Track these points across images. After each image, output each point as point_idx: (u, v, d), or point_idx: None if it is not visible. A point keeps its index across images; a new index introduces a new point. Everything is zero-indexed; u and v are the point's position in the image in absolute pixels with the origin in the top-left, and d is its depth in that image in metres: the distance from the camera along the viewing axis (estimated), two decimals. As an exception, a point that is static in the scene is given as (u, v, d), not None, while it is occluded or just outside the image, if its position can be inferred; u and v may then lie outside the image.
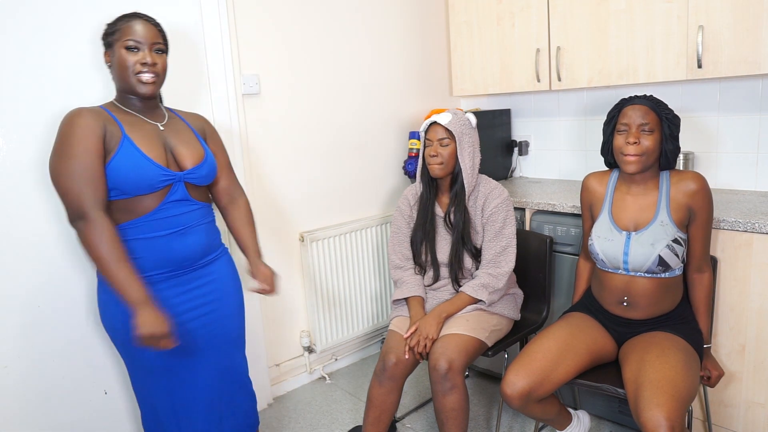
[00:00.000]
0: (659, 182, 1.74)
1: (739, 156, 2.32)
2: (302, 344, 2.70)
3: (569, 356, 1.69)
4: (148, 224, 1.53)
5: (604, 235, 1.76)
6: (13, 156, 1.83)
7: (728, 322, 1.90)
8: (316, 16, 2.58)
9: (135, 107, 1.60)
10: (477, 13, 2.79)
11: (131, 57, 1.52)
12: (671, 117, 1.69)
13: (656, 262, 1.66)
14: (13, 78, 1.80)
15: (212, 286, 1.69)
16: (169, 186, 1.55)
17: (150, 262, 1.55)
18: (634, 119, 1.68)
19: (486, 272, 1.98)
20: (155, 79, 1.56)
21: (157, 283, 1.57)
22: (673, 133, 1.69)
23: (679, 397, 1.46)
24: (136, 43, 1.52)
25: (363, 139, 2.85)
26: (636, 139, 1.66)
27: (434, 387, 1.82)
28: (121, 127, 1.52)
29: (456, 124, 1.97)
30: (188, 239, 1.60)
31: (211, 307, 1.68)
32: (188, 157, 1.61)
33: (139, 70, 1.52)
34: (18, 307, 1.87)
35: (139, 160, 1.49)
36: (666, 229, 1.67)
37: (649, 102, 1.69)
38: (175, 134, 1.62)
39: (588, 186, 1.90)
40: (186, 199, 1.59)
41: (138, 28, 1.53)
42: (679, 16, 2.10)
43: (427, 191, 2.09)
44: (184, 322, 1.62)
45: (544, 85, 2.57)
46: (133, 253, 1.53)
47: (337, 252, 2.71)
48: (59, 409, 1.97)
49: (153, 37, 1.55)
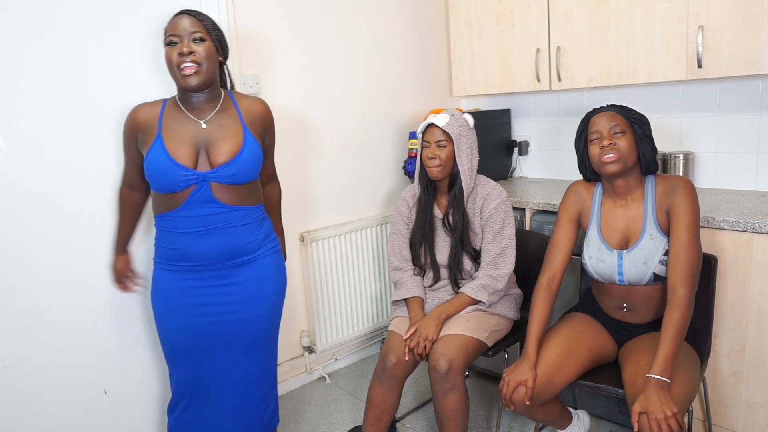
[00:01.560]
0: (644, 190, 1.70)
1: (739, 156, 2.32)
2: (302, 344, 2.70)
3: (572, 360, 1.68)
4: (174, 220, 1.62)
5: (596, 255, 1.72)
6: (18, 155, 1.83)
7: (728, 322, 1.90)
8: (316, 16, 2.58)
9: (187, 103, 1.65)
10: (477, 13, 2.79)
11: (171, 51, 1.57)
12: (639, 117, 1.68)
13: (652, 278, 1.65)
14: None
15: (236, 288, 1.70)
16: (193, 186, 1.59)
17: (175, 253, 1.66)
18: (604, 125, 1.66)
19: (486, 274, 1.98)
20: (196, 68, 1.57)
21: (180, 272, 1.67)
22: (646, 132, 1.67)
23: (678, 397, 1.46)
24: (174, 37, 1.57)
25: (363, 139, 2.85)
26: (610, 141, 1.64)
27: (434, 387, 1.82)
28: (159, 125, 1.61)
29: (453, 125, 1.95)
30: (210, 241, 1.63)
31: (231, 308, 1.70)
32: (223, 154, 1.61)
33: (179, 62, 1.56)
34: (18, 307, 1.87)
35: (163, 160, 1.56)
36: (656, 242, 1.64)
37: (613, 108, 1.69)
38: (217, 130, 1.63)
39: (578, 192, 1.81)
40: (211, 201, 1.61)
41: (177, 23, 1.58)
42: (679, 16, 2.10)
43: (425, 193, 2.08)
44: (197, 315, 1.68)
45: (544, 85, 2.57)
46: (161, 243, 1.69)
47: (337, 252, 2.70)
48: (59, 409, 1.97)
49: (189, 27, 1.57)
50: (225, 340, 1.72)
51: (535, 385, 1.61)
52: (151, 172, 1.59)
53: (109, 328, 2.06)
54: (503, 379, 1.66)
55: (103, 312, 2.04)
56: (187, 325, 1.69)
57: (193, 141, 1.60)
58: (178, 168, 1.56)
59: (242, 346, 1.74)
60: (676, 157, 2.36)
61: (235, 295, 1.70)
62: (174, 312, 1.69)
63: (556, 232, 1.81)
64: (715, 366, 1.95)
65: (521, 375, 1.62)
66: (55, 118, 1.89)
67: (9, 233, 1.84)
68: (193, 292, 1.67)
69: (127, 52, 2.03)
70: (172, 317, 1.70)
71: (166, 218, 1.64)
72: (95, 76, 1.96)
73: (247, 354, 1.76)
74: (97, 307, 2.02)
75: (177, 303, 1.68)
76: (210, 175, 1.59)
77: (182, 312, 1.69)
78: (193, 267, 1.66)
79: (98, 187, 1.99)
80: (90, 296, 2.00)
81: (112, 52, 1.99)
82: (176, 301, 1.68)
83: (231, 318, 1.71)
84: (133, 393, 2.14)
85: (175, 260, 1.67)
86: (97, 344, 2.03)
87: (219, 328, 1.70)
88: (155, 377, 2.20)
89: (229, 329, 1.71)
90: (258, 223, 1.72)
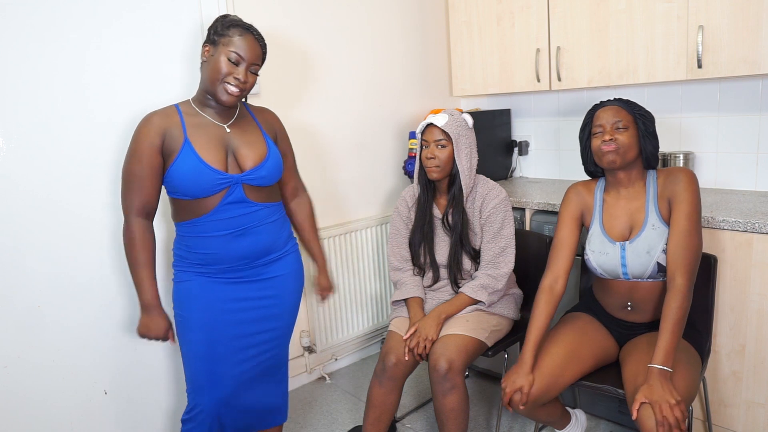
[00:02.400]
0: (646, 183, 1.71)
1: (739, 156, 2.32)
2: (302, 344, 2.70)
3: (575, 363, 1.68)
4: (206, 224, 1.61)
5: (598, 249, 1.72)
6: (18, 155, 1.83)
7: (728, 322, 1.90)
8: (317, 16, 2.58)
9: (209, 108, 1.65)
10: (477, 13, 2.79)
11: (228, 68, 1.56)
12: (644, 113, 1.69)
13: (656, 269, 1.64)
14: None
15: (270, 283, 1.74)
16: (226, 189, 1.60)
17: (208, 258, 1.64)
18: (607, 119, 1.68)
19: (485, 273, 1.98)
20: (240, 94, 1.60)
21: (214, 275, 1.66)
22: (649, 129, 1.68)
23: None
24: (239, 58, 1.57)
25: (363, 139, 2.85)
26: (611, 136, 1.65)
27: (434, 387, 1.82)
28: (184, 131, 1.58)
29: (452, 125, 1.95)
30: (246, 240, 1.65)
31: (266, 303, 1.74)
32: (250, 158, 1.64)
33: (229, 81, 1.57)
34: (18, 307, 1.87)
35: (197, 165, 1.55)
36: (658, 232, 1.64)
37: (619, 102, 1.70)
38: (240, 135, 1.66)
39: (578, 191, 1.80)
40: (244, 201, 1.63)
41: (247, 45, 1.58)
42: (679, 16, 2.10)
43: (424, 193, 2.08)
44: (235, 311, 1.69)
45: (544, 85, 2.57)
46: (194, 249, 1.64)
47: (337, 252, 2.70)
48: (59, 409, 1.97)
49: (255, 58, 1.60)
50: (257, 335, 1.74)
51: (536, 388, 1.61)
52: (182, 178, 1.56)
53: (108, 329, 2.06)
54: (501, 384, 1.67)
55: (103, 312, 2.04)
56: (226, 323, 1.68)
57: (222, 144, 1.61)
58: (213, 172, 1.57)
59: (270, 342, 1.77)
60: (675, 157, 2.36)
61: (269, 290, 1.74)
62: (211, 313, 1.67)
63: (559, 233, 1.79)
64: (715, 366, 1.95)
65: (516, 383, 1.62)
66: (55, 118, 1.89)
67: (9, 233, 1.84)
68: (228, 290, 1.68)
69: (126, 51, 2.03)
70: (209, 319, 1.67)
71: (197, 224, 1.62)
72: (95, 76, 1.96)
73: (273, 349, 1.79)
74: (97, 307, 2.02)
75: (214, 304, 1.67)
76: (243, 178, 1.62)
77: (220, 312, 1.67)
78: (228, 268, 1.66)
79: (99, 187, 1.99)
80: (90, 296, 2.00)
81: (111, 51, 1.99)
82: (213, 303, 1.67)
83: (265, 313, 1.74)
84: (133, 393, 2.14)
85: (207, 264, 1.66)
86: (97, 344, 2.03)
87: (256, 324, 1.73)
88: (155, 377, 2.20)
89: (261, 326, 1.74)
90: (282, 221, 1.78)
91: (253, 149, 1.65)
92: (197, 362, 1.67)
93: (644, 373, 1.51)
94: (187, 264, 1.68)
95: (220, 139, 1.62)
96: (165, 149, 1.58)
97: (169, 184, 1.60)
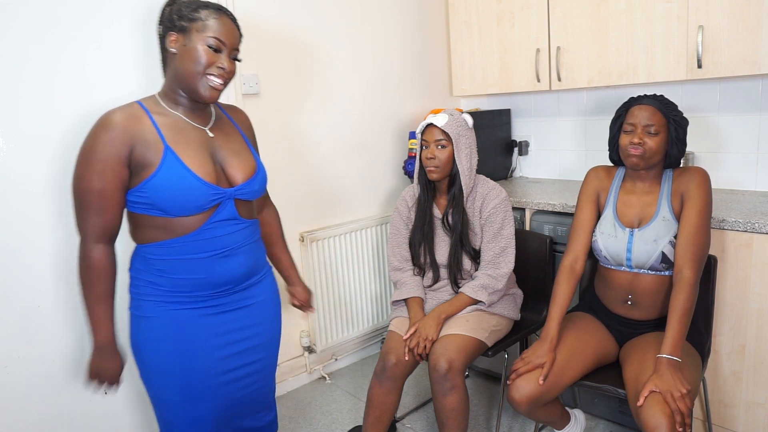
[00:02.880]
0: (662, 180, 1.74)
1: (739, 156, 2.32)
2: (302, 344, 2.70)
3: (576, 361, 1.69)
4: (188, 245, 1.37)
5: (608, 231, 1.75)
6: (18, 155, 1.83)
7: (728, 322, 1.90)
8: (316, 16, 2.58)
9: (182, 106, 1.40)
10: (477, 13, 2.79)
11: (209, 57, 1.33)
12: (679, 119, 1.68)
13: (659, 259, 1.66)
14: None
15: (251, 311, 1.51)
16: (217, 205, 1.38)
17: (187, 284, 1.39)
18: (641, 120, 1.67)
19: (485, 273, 1.98)
20: (223, 87, 1.38)
21: (191, 304, 1.41)
22: (680, 136, 1.68)
23: None
24: (219, 44, 1.34)
25: (363, 138, 2.85)
26: (640, 140, 1.66)
27: (434, 387, 1.82)
28: (161, 136, 1.33)
29: (452, 125, 1.95)
30: (232, 262, 1.43)
31: (249, 333, 1.52)
32: (239, 170, 1.43)
33: (212, 72, 1.34)
34: (18, 307, 1.87)
35: (186, 179, 1.32)
36: (668, 224, 1.67)
37: (657, 102, 1.68)
38: (225, 142, 1.44)
39: (598, 174, 1.84)
40: (234, 218, 1.42)
41: (226, 28, 1.35)
42: (679, 16, 2.10)
43: (424, 193, 2.08)
44: (214, 347, 1.45)
45: (544, 85, 2.57)
46: (169, 273, 1.38)
47: (337, 252, 2.70)
48: (59, 409, 1.97)
49: (235, 41, 1.38)
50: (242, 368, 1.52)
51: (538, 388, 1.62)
52: (166, 194, 1.30)
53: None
54: (522, 358, 1.68)
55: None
56: (206, 364, 1.45)
57: (207, 152, 1.39)
58: (206, 186, 1.33)
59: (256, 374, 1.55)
60: (676, 157, 2.36)
61: (252, 318, 1.52)
62: (188, 355, 1.42)
63: (578, 215, 1.83)
64: (716, 366, 1.95)
65: (541, 357, 1.64)
66: (55, 117, 1.89)
67: (9, 233, 1.84)
68: (209, 323, 1.43)
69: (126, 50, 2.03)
70: (185, 363, 1.42)
71: (174, 245, 1.36)
72: (95, 75, 1.96)
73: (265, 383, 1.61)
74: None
75: (191, 344, 1.42)
76: (237, 193, 1.41)
77: (199, 353, 1.43)
78: (211, 295, 1.42)
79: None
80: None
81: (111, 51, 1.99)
82: (190, 343, 1.42)
83: (250, 345, 1.52)
84: (133, 395, 2.14)
85: (184, 292, 1.40)
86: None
87: (239, 358, 1.50)
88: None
89: (248, 357, 1.52)
90: (260, 239, 1.57)
91: (242, 159, 1.45)
92: (172, 410, 1.45)
93: (646, 372, 1.52)
94: (155, 292, 1.40)
95: (204, 146, 1.39)
96: (135, 160, 1.30)
97: (143, 200, 1.32)
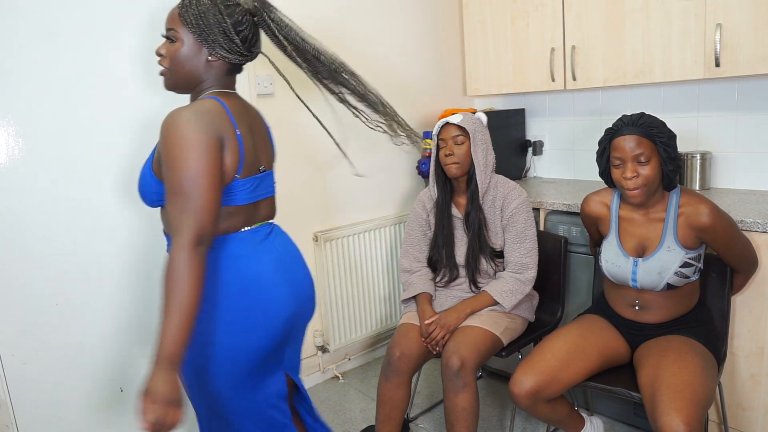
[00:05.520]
0: (667, 204, 1.66)
1: (757, 156, 2.28)
2: (315, 344, 2.71)
3: (579, 357, 1.68)
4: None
5: (612, 260, 1.72)
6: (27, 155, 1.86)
7: (746, 324, 1.88)
8: (329, 16, 2.59)
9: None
10: (491, 12, 2.78)
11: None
12: (666, 140, 1.58)
13: (666, 287, 1.65)
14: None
15: None
16: None
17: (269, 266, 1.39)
18: (627, 152, 1.59)
19: (513, 277, 1.98)
20: (163, 72, 1.30)
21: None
22: (671, 154, 1.59)
23: (697, 401, 1.44)
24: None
25: (377, 138, 2.83)
26: (634, 173, 1.59)
27: (446, 385, 1.82)
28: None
29: (468, 121, 1.98)
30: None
31: None
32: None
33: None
34: (36, 304, 1.90)
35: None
36: (673, 254, 1.62)
37: (639, 129, 1.58)
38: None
39: (591, 209, 1.81)
40: None
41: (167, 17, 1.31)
42: (697, 14, 2.07)
43: (442, 194, 2.08)
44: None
45: (559, 84, 2.55)
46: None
47: (351, 252, 2.71)
48: (75, 406, 2.00)
49: (168, 22, 1.29)
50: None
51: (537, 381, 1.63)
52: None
53: (124, 326, 2.08)
54: None
55: (119, 309, 2.06)
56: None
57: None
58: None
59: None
60: (693, 157, 2.33)
61: None
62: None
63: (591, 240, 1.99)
64: (733, 369, 1.93)
65: None
66: (71, 117, 1.91)
67: (27, 232, 1.87)
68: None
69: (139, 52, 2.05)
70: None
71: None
72: (109, 76, 1.98)
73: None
74: (113, 305, 2.05)
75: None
76: None
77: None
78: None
79: (114, 185, 2.01)
80: (106, 294, 2.02)
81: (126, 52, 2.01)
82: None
83: None
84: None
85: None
86: (114, 342, 2.06)
87: None
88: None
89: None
90: None
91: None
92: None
93: (662, 378, 1.50)
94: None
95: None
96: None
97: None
